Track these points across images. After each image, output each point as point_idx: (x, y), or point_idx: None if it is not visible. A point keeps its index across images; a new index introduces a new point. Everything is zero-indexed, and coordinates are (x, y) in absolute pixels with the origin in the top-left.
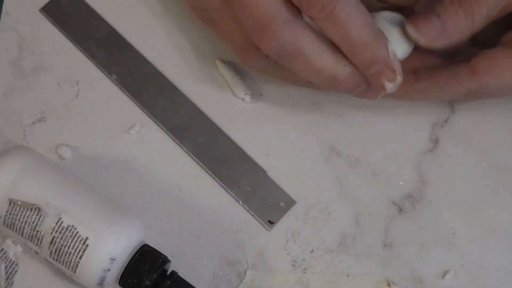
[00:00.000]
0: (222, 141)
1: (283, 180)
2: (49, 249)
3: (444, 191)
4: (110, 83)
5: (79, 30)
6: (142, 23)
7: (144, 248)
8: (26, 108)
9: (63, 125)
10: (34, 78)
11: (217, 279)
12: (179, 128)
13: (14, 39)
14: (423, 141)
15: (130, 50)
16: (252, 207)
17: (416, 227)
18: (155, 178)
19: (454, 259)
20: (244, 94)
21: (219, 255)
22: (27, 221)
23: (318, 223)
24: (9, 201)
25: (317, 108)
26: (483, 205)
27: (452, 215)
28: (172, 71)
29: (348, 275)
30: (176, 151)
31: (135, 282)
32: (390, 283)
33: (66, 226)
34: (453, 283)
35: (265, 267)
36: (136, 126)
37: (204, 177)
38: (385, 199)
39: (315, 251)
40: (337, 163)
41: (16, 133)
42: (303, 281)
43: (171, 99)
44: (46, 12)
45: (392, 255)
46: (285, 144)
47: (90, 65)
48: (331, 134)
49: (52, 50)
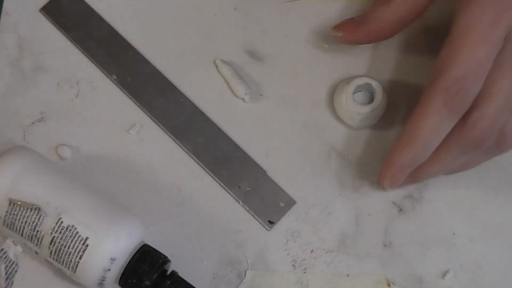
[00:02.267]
0: (222, 141)
1: (283, 180)
2: (49, 249)
3: (444, 191)
4: (110, 83)
5: (79, 30)
6: (142, 23)
7: (144, 248)
8: (26, 108)
9: (63, 125)
10: (34, 78)
11: (217, 279)
12: (179, 128)
13: (14, 39)
14: None
15: (130, 50)
16: (252, 207)
17: (416, 227)
18: (155, 178)
19: (454, 259)
20: (244, 94)
21: (219, 255)
22: (27, 221)
23: (318, 223)
24: (9, 201)
25: (317, 108)
26: (483, 205)
27: (452, 215)
28: (172, 71)
29: (348, 275)
30: (176, 151)
31: (135, 282)
32: (390, 283)
33: (66, 226)
34: (453, 283)
35: (265, 267)
36: (136, 126)
37: (204, 177)
38: (385, 199)
39: (315, 251)
40: (337, 163)
41: (16, 133)
42: (303, 281)
43: (171, 99)
44: (46, 12)
45: (392, 255)
46: (285, 144)
47: (90, 65)
48: (331, 134)
49: (52, 50)
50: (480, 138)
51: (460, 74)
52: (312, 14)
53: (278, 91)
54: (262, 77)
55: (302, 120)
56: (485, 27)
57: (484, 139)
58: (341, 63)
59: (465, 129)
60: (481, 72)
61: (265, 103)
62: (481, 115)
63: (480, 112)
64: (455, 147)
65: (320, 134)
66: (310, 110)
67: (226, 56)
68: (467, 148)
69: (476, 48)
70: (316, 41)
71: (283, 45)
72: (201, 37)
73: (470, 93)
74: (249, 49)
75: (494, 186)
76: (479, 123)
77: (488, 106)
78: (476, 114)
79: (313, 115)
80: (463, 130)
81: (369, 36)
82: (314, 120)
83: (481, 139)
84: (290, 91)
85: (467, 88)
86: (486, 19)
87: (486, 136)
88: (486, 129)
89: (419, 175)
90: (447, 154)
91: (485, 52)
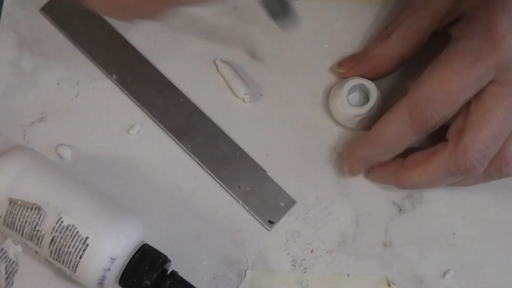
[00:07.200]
0: (222, 141)
1: (283, 180)
2: (49, 248)
3: (444, 191)
4: (110, 83)
5: (79, 30)
6: (142, 23)
7: (144, 248)
8: (26, 108)
9: (63, 125)
10: (34, 78)
11: (217, 279)
12: (179, 128)
13: (14, 39)
14: None
15: (130, 50)
16: (252, 207)
17: (416, 227)
18: (155, 178)
19: (454, 259)
20: (244, 94)
21: (219, 255)
22: (27, 221)
23: (318, 223)
24: (9, 200)
25: (317, 108)
26: (483, 205)
27: (452, 215)
28: (172, 71)
29: (348, 275)
30: (176, 151)
31: (135, 281)
32: (390, 283)
33: (66, 225)
34: (453, 283)
35: (265, 267)
36: (136, 126)
37: (204, 177)
38: (385, 199)
39: (315, 251)
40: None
41: (16, 133)
42: (303, 281)
43: (171, 99)
44: (46, 12)
45: (392, 255)
46: (285, 144)
47: (90, 65)
48: (331, 134)
49: (52, 50)
50: (470, 164)
51: (430, 96)
52: (312, 14)
53: (278, 91)
54: (262, 77)
55: (302, 120)
56: (466, 61)
57: (475, 165)
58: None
59: (456, 151)
60: (454, 100)
61: (265, 103)
62: (473, 140)
63: (473, 136)
64: (445, 166)
65: (320, 134)
66: (310, 110)
67: (226, 56)
68: (457, 171)
69: (451, 80)
70: (316, 41)
71: (283, 45)
72: (201, 37)
73: (437, 114)
74: (249, 49)
75: (494, 186)
76: (471, 147)
77: (481, 133)
78: (468, 138)
79: (313, 115)
80: (455, 152)
81: (370, 72)
82: (314, 120)
83: (471, 165)
84: (290, 91)
85: (435, 109)
86: (470, 54)
87: (477, 161)
88: (477, 154)
89: (403, 182)
90: (436, 170)
91: (459, 84)
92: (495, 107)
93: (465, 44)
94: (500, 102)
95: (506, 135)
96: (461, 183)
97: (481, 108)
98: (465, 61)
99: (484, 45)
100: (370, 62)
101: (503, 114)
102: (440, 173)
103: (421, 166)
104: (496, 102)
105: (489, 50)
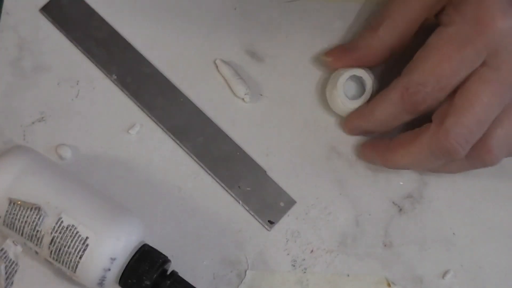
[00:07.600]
0: (222, 141)
1: (283, 180)
2: (49, 249)
3: (444, 191)
4: (110, 83)
5: (79, 30)
6: (142, 23)
7: (144, 248)
8: (26, 108)
9: (63, 125)
10: (34, 78)
11: (217, 279)
12: (179, 128)
13: (14, 39)
14: None
15: (130, 50)
16: (252, 207)
17: (416, 227)
18: (155, 178)
19: (454, 259)
20: (244, 94)
21: (219, 255)
22: (27, 221)
23: (318, 223)
24: (9, 200)
25: (317, 108)
26: (483, 205)
27: (452, 215)
28: (172, 71)
29: (348, 275)
30: (176, 151)
31: (135, 282)
32: (390, 283)
33: (66, 225)
34: (453, 283)
35: (265, 267)
36: (136, 126)
37: (204, 177)
38: (385, 199)
39: (315, 251)
40: (337, 163)
41: (16, 133)
42: (303, 281)
43: (171, 99)
44: (46, 12)
45: (392, 255)
46: (285, 144)
47: (90, 65)
48: (331, 134)
49: (52, 50)
50: (452, 147)
51: (421, 80)
52: (312, 14)
53: (278, 91)
54: (262, 77)
55: (302, 120)
56: (456, 45)
57: (456, 148)
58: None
59: (438, 133)
60: (444, 84)
61: (265, 103)
62: (455, 123)
63: (455, 119)
64: (427, 146)
65: (320, 134)
66: (310, 110)
67: (226, 56)
68: (439, 153)
69: (442, 64)
70: (316, 41)
71: (283, 45)
72: (201, 37)
73: (429, 97)
74: (249, 49)
75: (494, 186)
76: (453, 130)
77: (464, 116)
78: (450, 121)
79: (313, 115)
80: (437, 133)
81: (357, 62)
82: (314, 120)
83: (452, 148)
84: (290, 91)
85: (427, 93)
86: (460, 38)
87: (458, 145)
88: (458, 137)
89: (389, 163)
90: (419, 151)
91: (449, 68)
92: (481, 91)
93: (454, 29)
94: (486, 87)
95: (490, 121)
96: (445, 169)
97: (466, 92)
98: (455, 45)
99: (474, 29)
100: (359, 52)
101: (488, 98)
102: (423, 155)
103: (405, 147)
104: (482, 86)
105: (478, 34)
